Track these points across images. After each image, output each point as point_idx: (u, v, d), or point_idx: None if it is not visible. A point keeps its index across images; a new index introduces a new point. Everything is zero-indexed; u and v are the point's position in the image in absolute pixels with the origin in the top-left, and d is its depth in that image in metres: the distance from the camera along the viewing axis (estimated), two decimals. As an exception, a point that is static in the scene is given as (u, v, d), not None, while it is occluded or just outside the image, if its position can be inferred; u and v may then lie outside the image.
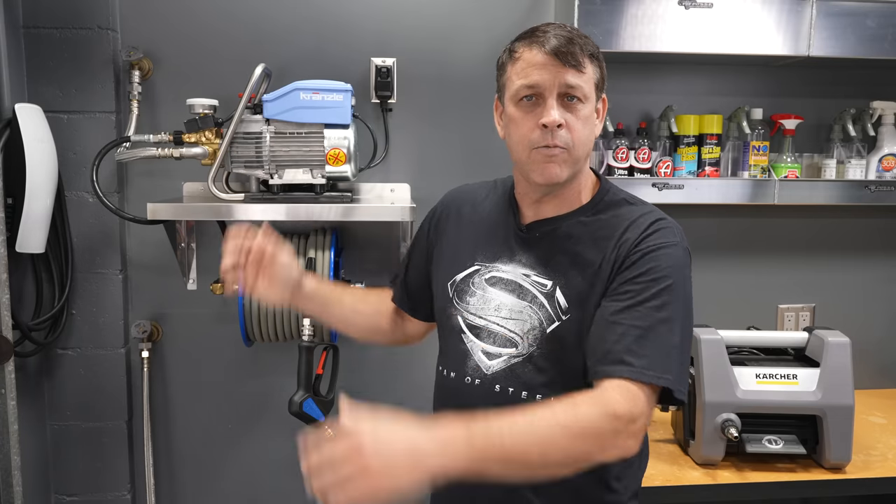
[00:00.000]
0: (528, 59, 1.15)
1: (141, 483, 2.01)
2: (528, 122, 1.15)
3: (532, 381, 1.18)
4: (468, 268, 1.28)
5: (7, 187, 1.66)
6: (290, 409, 1.70)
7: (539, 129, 1.14)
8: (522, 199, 1.27)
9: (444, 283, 1.30)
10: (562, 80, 1.13)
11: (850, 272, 2.21)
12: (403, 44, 1.98)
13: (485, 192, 1.36)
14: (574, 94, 1.14)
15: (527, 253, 1.24)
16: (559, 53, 1.12)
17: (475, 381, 1.23)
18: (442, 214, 1.38)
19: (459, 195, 1.39)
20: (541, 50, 1.13)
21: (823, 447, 1.66)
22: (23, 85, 1.83)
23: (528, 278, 1.22)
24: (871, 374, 2.23)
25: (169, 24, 1.91)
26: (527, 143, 1.16)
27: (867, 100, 2.07)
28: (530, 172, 1.18)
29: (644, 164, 1.99)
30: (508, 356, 1.20)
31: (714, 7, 1.81)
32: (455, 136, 2.01)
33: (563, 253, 1.20)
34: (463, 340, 1.25)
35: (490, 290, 1.24)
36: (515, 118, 1.17)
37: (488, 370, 1.22)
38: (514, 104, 1.17)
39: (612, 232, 1.18)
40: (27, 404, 1.85)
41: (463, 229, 1.33)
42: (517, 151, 1.19)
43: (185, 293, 2.00)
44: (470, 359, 1.24)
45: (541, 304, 1.19)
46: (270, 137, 1.76)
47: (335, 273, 1.82)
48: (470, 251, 1.29)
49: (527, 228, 1.25)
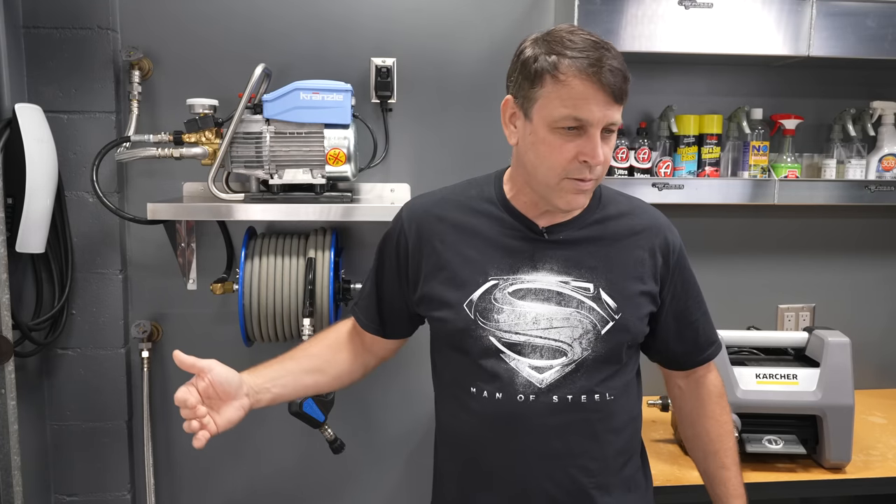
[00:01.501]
0: (580, 89, 1.07)
1: (141, 483, 2.01)
2: (567, 153, 1.10)
3: (589, 384, 1.19)
4: (483, 284, 1.20)
5: (7, 187, 1.67)
6: (290, 409, 1.70)
7: (577, 162, 1.10)
8: (527, 207, 1.23)
9: (459, 306, 1.20)
10: (610, 117, 1.10)
11: (850, 272, 2.21)
12: (403, 44, 1.98)
13: (463, 199, 1.27)
14: (612, 129, 1.12)
15: (554, 260, 1.21)
16: (615, 91, 1.08)
17: (529, 397, 1.18)
18: (415, 232, 1.26)
19: (430, 208, 1.28)
20: (596, 85, 1.07)
21: (823, 447, 1.66)
22: (23, 85, 1.84)
23: (566, 285, 1.20)
24: (871, 374, 2.23)
25: (169, 24, 1.91)
26: (560, 171, 1.12)
27: (867, 100, 2.07)
28: (555, 199, 1.16)
29: (644, 165, 1.99)
30: (561, 366, 1.18)
31: (714, 7, 1.81)
32: (455, 136, 2.01)
33: (594, 255, 1.22)
34: (504, 360, 1.19)
35: (520, 304, 1.19)
36: (551, 144, 1.11)
37: (542, 384, 1.18)
38: (551, 129, 1.10)
39: (633, 226, 1.26)
40: (27, 404, 1.85)
41: (460, 246, 1.23)
42: (544, 175, 1.14)
43: (185, 293, 2.00)
44: (517, 376, 1.18)
45: (589, 308, 1.19)
46: (270, 137, 1.76)
47: (335, 273, 1.82)
48: (479, 267, 1.21)
49: (547, 232, 1.22)
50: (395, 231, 1.30)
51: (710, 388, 1.37)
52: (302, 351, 1.34)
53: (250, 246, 1.84)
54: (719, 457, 1.35)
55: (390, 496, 2.12)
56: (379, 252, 1.35)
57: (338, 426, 1.82)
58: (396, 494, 2.12)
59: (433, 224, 1.26)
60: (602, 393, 1.20)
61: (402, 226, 1.29)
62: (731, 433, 1.37)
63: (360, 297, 1.39)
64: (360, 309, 1.38)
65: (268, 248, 1.84)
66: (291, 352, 1.32)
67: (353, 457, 1.99)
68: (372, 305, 1.35)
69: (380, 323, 1.35)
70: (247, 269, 1.80)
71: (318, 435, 1.79)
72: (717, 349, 1.37)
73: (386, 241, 1.33)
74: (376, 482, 2.11)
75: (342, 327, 1.39)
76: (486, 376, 1.20)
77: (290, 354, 1.31)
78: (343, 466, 2.07)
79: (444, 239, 1.24)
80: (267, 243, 1.85)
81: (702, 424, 1.37)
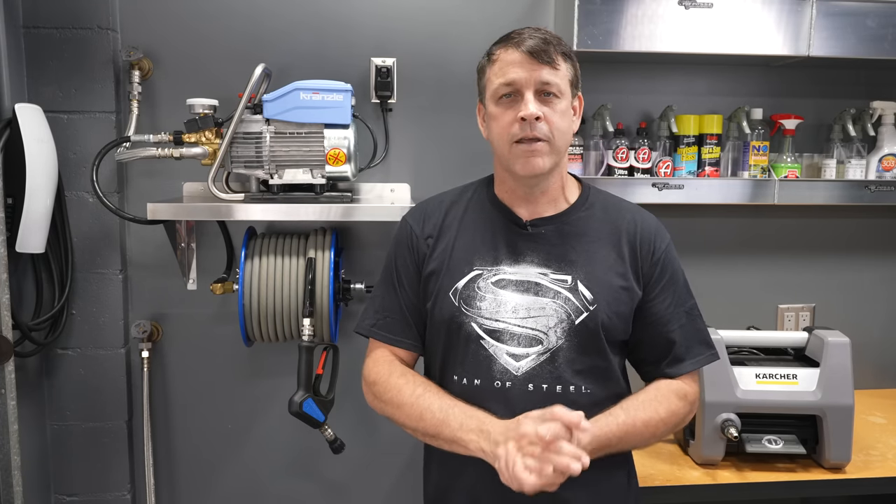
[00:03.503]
0: (505, 59, 1.23)
1: (141, 483, 2.01)
2: (508, 117, 1.22)
3: (564, 374, 1.23)
4: (467, 274, 1.27)
5: (7, 187, 1.67)
6: (290, 409, 1.70)
7: (518, 123, 1.21)
8: (512, 198, 1.31)
9: (446, 294, 1.28)
10: (537, 77, 1.21)
11: (850, 272, 2.21)
12: (403, 44, 1.98)
13: (459, 199, 1.36)
14: (550, 91, 1.22)
15: (535, 252, 1.26)
16: (534, 52, 1.20)
17: (505, 384, 1.23)
18: (422, 230, 1.34)
19: (432, 210, 1.37)
20: (516, 49, 1.22)
21: (823, 447, 1.66)
22: (23, 85, 1.83)
23: (545, 276, 1.25)
24: (871, 374, 2.23)
25: (169, 24, 1.91)
26: (507, 136, 1.23)
27: (867, 100, 2.07)
28: (513, 165, 1.24)
29: (644, 165, 1.99)
30: (536, 354, 1.23)
31: (714, 7, 1.81)
32: (455, 135, 2.01)
33: (574, 249, 1.27)
34: (483, 346, 1.24)
35: (501, 293, 1.25)
36: (496, 115, 1.24)
37: (518, 371, 1.23)
38: (495, 102, 1.25)
39: (617, 225, 1.30)
40: (27, 404, 1.85)
41: (452, 239, 1.32)
42: (499, 146, 1.26)
43: (185, 293, 2.00)
44: (495, 363, 1.23)
45: (565, 298, 1.24)
46: (270, 137, 1.76)
47: (335, 273, 1.82)
48: (466, 258, 1.29)
49: (530, 225, 1.27)
50: (405, 235, 1.36)
51: (674, 383, 1.29)
52: (433, 387, 1.27)
53: (250, 246, 1.84)
54: (620, 405, 1.23)
55: (390, 496, 2.12)
56: (391, 261, 1.37)
57: (338, 426, 1.83)
58: (396, 494, 2.12)
59: (434, 221, 1.35)
60: (578, 385, 1.23)
61: (410, 228, 1.36)
62: (653, 416, 1.23)
63: (375, 319, 1.36)
64: (383, 328, 1.35)
65: (268, 248, 1.84)
66: (438, 391, 1.25)
67: (353, 457, 1.99)
68: (397, 317, 1.34)
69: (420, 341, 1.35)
70: (247, 269, 1.80)
71: (318, 435, 1.79)
72: (694, 364, 1.30)
73: (397, 247, 1.37)
74: (376, 482, 2.11)
75: (391, 365, 1.32)
76: (467, 362, 1.26)
77: (439, 393, 1.25)
78: (343, 466, 2.07)
79: (442, 235, 1.33)
80: (267, 243, 1.85)
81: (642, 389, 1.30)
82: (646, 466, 1.69)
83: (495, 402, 1.22)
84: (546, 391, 1.22)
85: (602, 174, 1.99)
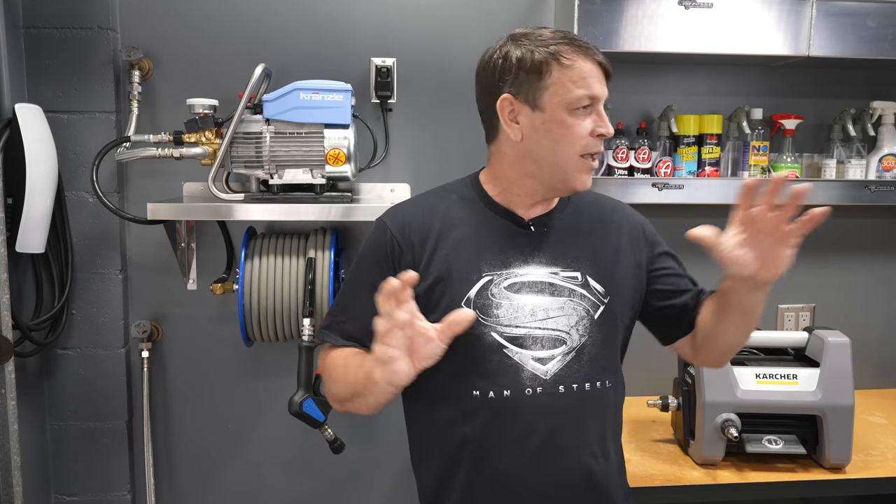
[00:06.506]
0: (583, 67, 1.17)
1: (141, 483, 2.01)
2: (585, 129, 1.19)
3: (591, 371, 1.22)
4: (477, 281, 1.20)
5: (7, 187, 1.66)
6: (290, 409, 1.70)
7: (594, 137, 1.19)
8: (513, 200, 1.26)
9: (458, 305, 1.18)
10: (606, 93, 1.20)
11: (850, 272, 2.21)
12: (403, 44, 1.98)
13: (441, 203, 1.27)
14: (607, 105, 1.23)
15: (542, 252, 1.25)
16: (604, 66, 1.19)
17: (536, 389, 1.19)
18: (406, 237, 1.23)
19: (414, 214, 1.26)
20: (591, 60, 1.18)
21: (823, 447, 1.66)
22: (23, 85, 1.84)
23: (556, 275, 1.24)
24: (871, 374, 2.23)
25: (169, 24, 1.91)
26: (579, 148, 1.19)
27: (867, 100, 2.07)
28: (571, 181, 1.22)
29: (644, 164, 1.99)
30: (562, 354, 1.21)
31: (714, 7, 1.81)
32: (455, 136, 2.01)
33: (576, 244, 1.27)
34: (507, 355, 1.19)
35: (516, 298, 1.21)
36: (570, 125, 1.18)
37: (547, 375, 1.20)
38: (569, 111, 1.18)
39: (607, 218, 1.32)
40: (27, 404, 1.85)
41: (452, 245, 1.22)
42: (563, 156, 1.19)
43: (185, 293, 2.00)
44: (522, 370, 1.19)
45: (581, 295, 1.24)
46: (270, 137, 1.76)
47: (335, 273, 1.82)
48: (472, 264, 1.21)
49: (534, 224, 1.26)
50: (384, 240, 1.24)
51: None
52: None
53: (250, 246, 1.84)
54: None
55: (390, 496, 2.12)
56: (363, 263, 1.27)
57: (338, 426, 1.82)
58: (396, 494, 2.12)
59: (421, 228, 1.23)
60: (603, 381, 1.24)
61: (390, 234, 1.24)
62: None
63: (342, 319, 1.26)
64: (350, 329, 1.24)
65: (268, 248, 1.84)
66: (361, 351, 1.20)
67: (353, 457, 1.99)
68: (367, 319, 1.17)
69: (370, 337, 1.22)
70: (247, 269, 1.80)
71: (318, 435, 1.79)
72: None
73: (374, 250, 1.25)
74: (376, 482, 2.11)
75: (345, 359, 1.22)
76: (491, 373, 1.19)
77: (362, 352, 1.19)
78: (343, 466, 2.07)
79: (434, 241, 1.22)
80: (267, 243, 1.85)
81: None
82: (646, 466, 1.70)
83: (527, 410, 1.18)
84: (577, 391, 1.20)
85: (602, 174, 1.99)
